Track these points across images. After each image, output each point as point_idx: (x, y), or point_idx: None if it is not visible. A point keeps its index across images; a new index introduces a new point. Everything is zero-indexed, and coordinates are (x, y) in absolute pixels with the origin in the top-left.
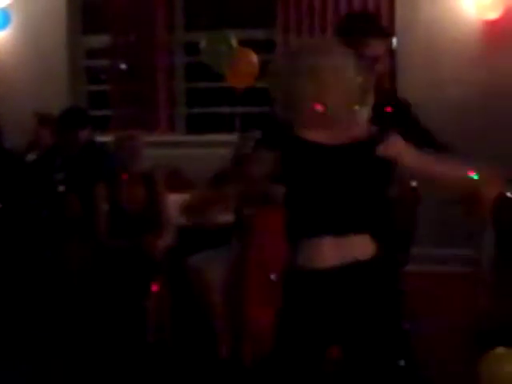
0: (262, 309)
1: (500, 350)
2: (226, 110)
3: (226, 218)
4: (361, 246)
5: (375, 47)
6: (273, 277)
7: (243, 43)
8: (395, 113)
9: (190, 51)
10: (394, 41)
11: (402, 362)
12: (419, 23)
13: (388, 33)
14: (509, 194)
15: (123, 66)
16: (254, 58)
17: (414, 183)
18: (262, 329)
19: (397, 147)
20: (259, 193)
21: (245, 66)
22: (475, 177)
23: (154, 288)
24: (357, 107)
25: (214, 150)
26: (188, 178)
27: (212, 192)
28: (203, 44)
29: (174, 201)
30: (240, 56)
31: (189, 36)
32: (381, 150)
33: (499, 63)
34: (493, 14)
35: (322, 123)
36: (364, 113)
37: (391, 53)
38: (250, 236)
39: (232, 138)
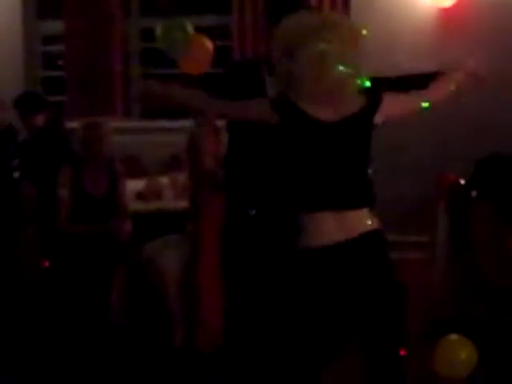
0: (215, 297)
1: (454, 336)
2: None
3: (181, 204)
4: (362, 221)
5: None
6: None
7: (199, 29)
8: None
9: (146, 37)
10: None
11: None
12: (374, 11)
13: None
14: (462, 181)
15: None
16: (209, 44)
17: None
18: (214, 317)
19: (390, 108)
20: (212, 180)
21: (199, 53)
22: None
23: (119, 272)
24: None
25: (170, 135)
26: (144, 163)
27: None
28: (159, 30)
29: (130, 187)
30: (195, 42)
31: (144, 22)
32: (378, 118)
33: (454, 50)
34: (448, 2)
35: (323, 99)
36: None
37: None
38: (203, 223)
39: (187, 124)
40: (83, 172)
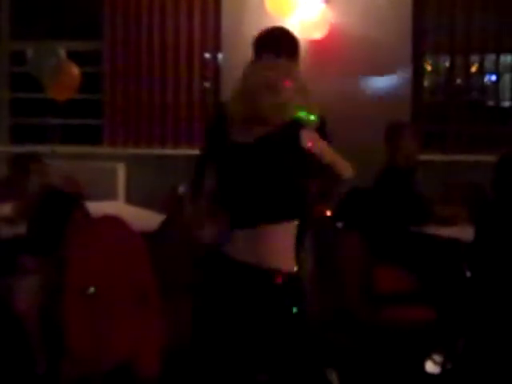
0: (81, 324)
1: None
2: (49, 121)
3: None
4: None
5: None
6: (91, 289)
7: (70, 55)
8: None
9: (16, 61)
10: (220, 56)
11: None
12: (244, 39)
13: (290, 53)
14: (328, 213)
15: None
16: (76, 70)
17: None
18: (79, 346)
19: (313, 138)
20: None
21: (67, 79)
22: None
23: None
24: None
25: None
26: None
27: None
28: (31, 54)
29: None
30: (64, 69)
31: (15, 45)
32: (301, 141)
33: (324, 82)
34: (318, 34)
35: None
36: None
37: (216, 69)
38: (66, 251)
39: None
40: None
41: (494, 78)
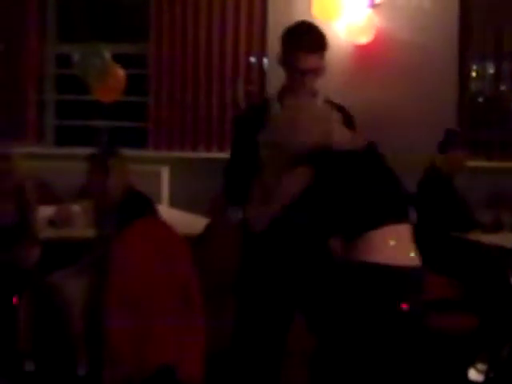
0: (122, 327)
1: None
2: (94, 123)
3: (92, 232)
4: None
5: (305, 61)
6: None
7: (115, 57)
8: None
9: (62, 62)
10: (266, 62)
11: None
12: None
13: (321, 45)
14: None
15: None
16: (121, 73)
17: None
18: (121, 349)
19: None
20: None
21: (113, 81)
22: None
23: (16, 301)
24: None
25: (83, 163)
26: (56, 190)
27: None
28: (77, 57)
29: (41, 214)
30: (109, 71)
31: (61, 47)
32: None
33: (369, 87)
34: (364, 39)
35: None
36: None
37: (262, 74)
38: (110, 256)
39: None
40: None
41: None
